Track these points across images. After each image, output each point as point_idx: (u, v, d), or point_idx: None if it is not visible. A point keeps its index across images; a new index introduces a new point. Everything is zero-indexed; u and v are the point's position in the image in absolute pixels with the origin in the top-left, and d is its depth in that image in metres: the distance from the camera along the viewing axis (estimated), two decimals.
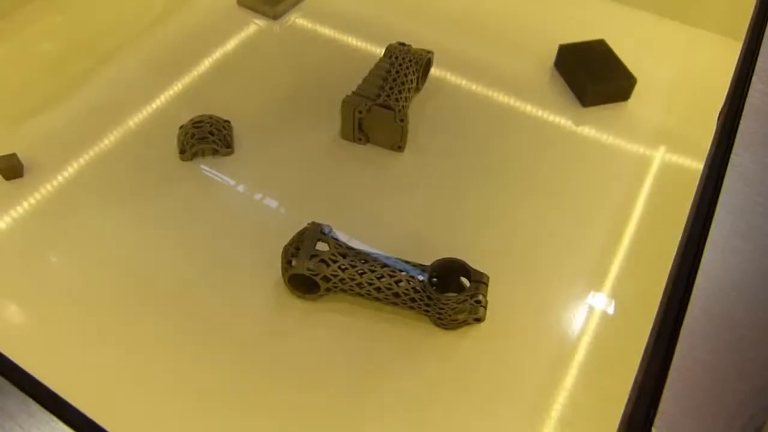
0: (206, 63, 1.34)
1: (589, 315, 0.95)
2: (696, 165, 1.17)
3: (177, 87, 1.29)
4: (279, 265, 0.95)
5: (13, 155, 1.08)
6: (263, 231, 1.05)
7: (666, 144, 1.21)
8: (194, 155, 1.13)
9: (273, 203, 1.09)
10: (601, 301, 0.97)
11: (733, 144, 0.65)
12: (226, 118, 1.18)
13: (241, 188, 1.11)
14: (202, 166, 1.13)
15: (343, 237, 0.97)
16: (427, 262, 0.94)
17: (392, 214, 1.08)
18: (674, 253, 0.58)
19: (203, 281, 0.98)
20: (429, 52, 1.27)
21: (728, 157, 0.63)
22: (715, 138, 0.68)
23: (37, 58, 1.34)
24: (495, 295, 0.94)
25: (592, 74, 1.26)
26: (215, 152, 1.13)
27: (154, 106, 1.24)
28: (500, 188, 1.13)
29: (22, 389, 0.51)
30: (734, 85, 0.73)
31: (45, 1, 1.47)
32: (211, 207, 1.08)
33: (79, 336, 0.91)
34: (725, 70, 1.35)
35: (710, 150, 0.67)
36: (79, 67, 1.32)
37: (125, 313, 0.94)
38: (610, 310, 0.96)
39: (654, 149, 1.20)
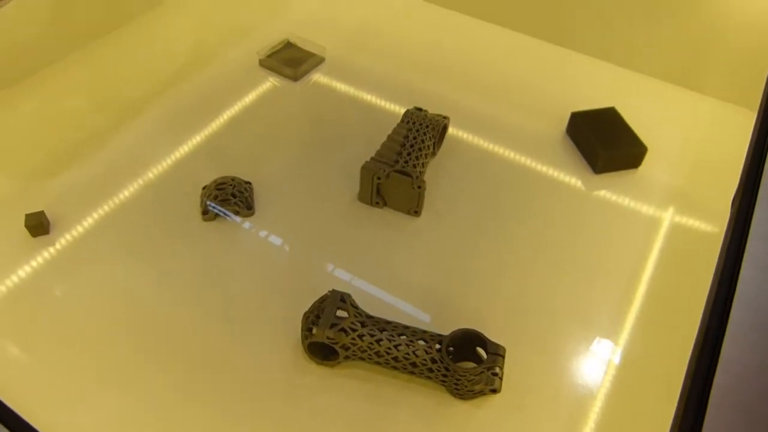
0: (228, 122, 1.39)
1: (604, 383, 0.96)
2: (708, 233, 1.19)
3: (200, 145, 1.32)
4: (298, 327, 0.97)
5: (41, 213, 1.11)
6: (283, 292, 1.06)
7: (678, 211, 1.23)
8: (216, 216, 1.16)
9: (292, 265, 1.11)
10: (615, 369, 0.98)
11: (748, 232, 0.67)
12: (247, 179, 1.22)
13: (261, 249, 1.13)
14: (224, 226, 1.16)
15: (360, 302, 0.99)
16: (443, 326, 0.95)
17: (409, 277, 1.10)
18: (692, 347, 0.60)
19: (220, 341, 0.99)
20: (445, 117, 1.31)
21: (744, 247, 0.65)
22: (729, 225, 0.70)
23: (64, 114, 1.38)
24: (510, 362, 0.95)
25: (604, 142, 1.29)
26: (237, 213, 1.16)
27: (178, 163, 1.28)
28: (514, 252, 1.15)
29: None
30: (747, 171, 0.76)
31: (73, 58, 1.52)
32: (231, 267, 1.10)
33: (92, 388, 0.93)
34: (737, 138, 1.39)
35: (725, 238, 0.69)
36: (106, 123, 1.36)
37: (140, 367, 0.95)
38: (625, 377, 0.97)
39: (665, 217, 1.22)
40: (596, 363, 0.99)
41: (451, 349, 0.93)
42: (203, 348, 0.99)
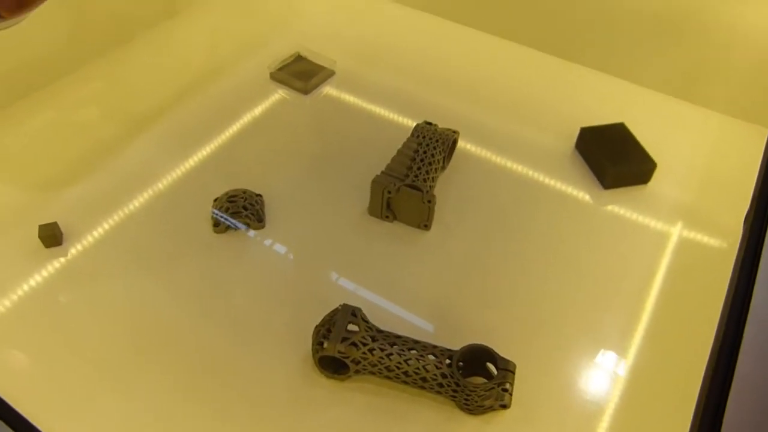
0: (239, 135, 1.40)
1: (613, 398, 0.96)
2: (718, 249, 1.18)
3: (211, 157, 1.33)
4: (307, 339, 0.97)
5: (54, 224, 1.12)
6: (292, 304, 1.07)
7: (687, 227, 1.23)
8: (227, 228, 1.16)
9: (302, 277, 1.12)
10: (625, 384, 0.98)
11: (761, 250, 0.67)
12: (258, 191, 1.22)
13: (271, 262, 1.14)
14: (235, 238, 1.16)
15: (370, 316, 0.99)
16: (453, 340, 0.95)
17: (418, 291, 1.10)
18: (704, 362, 0.60)
19: (230, 353, 1.00)
20: (455, 132, 1.31)
21: (757, 264, 0.66)
22: (742, 243, 0.70)
23: (77, 126, 1.39)
24: (519, 377, 0.95)
25: (613, 158, 1.30)
26: (247, 226, 1.17)
27: (189, 175, 1.28)
28: (523, 266, 1.15)
29: None
30: (759, 189, 0.76)
31: (85, 70, 1.54)
32: (242, 279, 1.11)
33: (100, 398, 0.93)
34: (748, 154, 1.39)
35: (738, 255, 0.69)
36: (117, 134, 1.37)
37: (148, 377, 0.96)
38: (635, 392, 0.97)
39: (674, 232, 1.22)
40: (606, 378, 0.99)
41: (461, 364, 0.93)
42: (213, 360, 0.99)
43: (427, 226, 1.19)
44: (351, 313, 0.94)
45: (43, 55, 1.46)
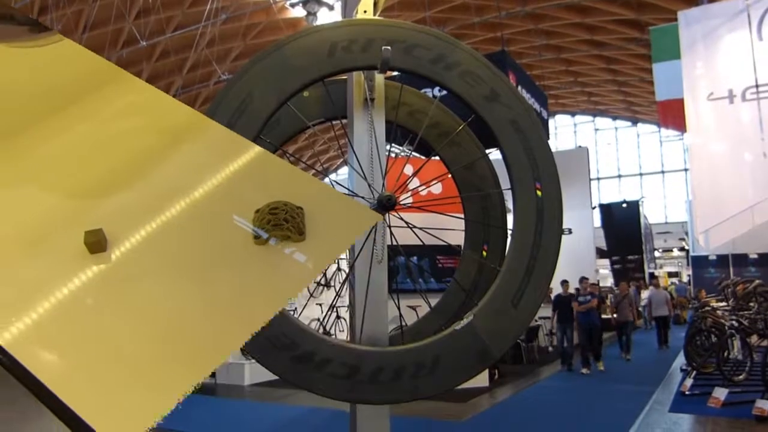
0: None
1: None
2: None
3: (252, 166, 1.35)
4: None
5: (99, 230, 1.14)
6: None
7: None
8: (268, 240, 1.18)
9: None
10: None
11: None
12: (299, 204, 1.24)
13: (310, 276, 1.15)
14: (274, 251, 1.18)
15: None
16: None
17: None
18: None
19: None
20: None
21: None
22: None
23: (122, 135, 1.42)
24: None
25: None
26: (287, 238, 1.18)
27: (232, 186, 1.30)
28: None
29: None
30: None
31: (123, 83, 1.57)
32: (279, 292, 1.12)
33: (131, 395, 0.94)
34: None
35: None
36: (163, 143, 1.39)
37: (180, 384, 0.96)
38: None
39: None
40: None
41: None
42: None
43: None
44: None
45: (85, 66, 1.48)
